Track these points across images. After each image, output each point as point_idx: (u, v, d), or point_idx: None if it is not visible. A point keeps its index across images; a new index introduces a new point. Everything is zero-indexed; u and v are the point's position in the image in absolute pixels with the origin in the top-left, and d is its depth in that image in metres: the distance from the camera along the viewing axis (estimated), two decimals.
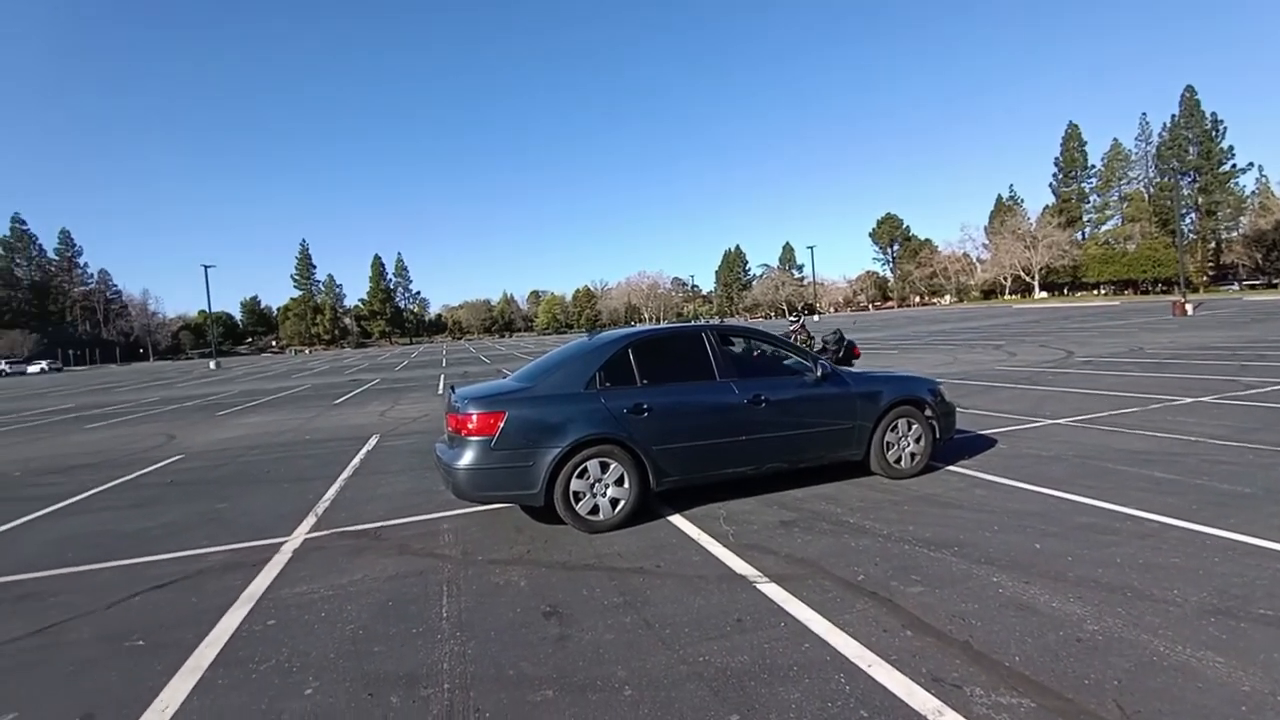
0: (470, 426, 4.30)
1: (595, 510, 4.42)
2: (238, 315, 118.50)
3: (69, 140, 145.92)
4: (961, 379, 11.93)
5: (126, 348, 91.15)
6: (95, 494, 6.87)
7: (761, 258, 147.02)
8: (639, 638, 2.85)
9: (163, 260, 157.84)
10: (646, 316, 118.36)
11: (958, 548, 3.73)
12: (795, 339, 12.95)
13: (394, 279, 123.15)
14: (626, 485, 4.47)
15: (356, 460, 7.89)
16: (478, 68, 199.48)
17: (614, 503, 4.46)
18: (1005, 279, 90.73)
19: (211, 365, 48.60)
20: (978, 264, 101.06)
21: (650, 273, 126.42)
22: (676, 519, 4.61)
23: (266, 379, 30.25)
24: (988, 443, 6.56)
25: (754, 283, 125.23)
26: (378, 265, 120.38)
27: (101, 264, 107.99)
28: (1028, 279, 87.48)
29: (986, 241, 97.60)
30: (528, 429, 4.34)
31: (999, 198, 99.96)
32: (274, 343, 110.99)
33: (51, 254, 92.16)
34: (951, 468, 5.64)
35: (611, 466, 4.43)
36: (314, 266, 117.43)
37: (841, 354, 12.12)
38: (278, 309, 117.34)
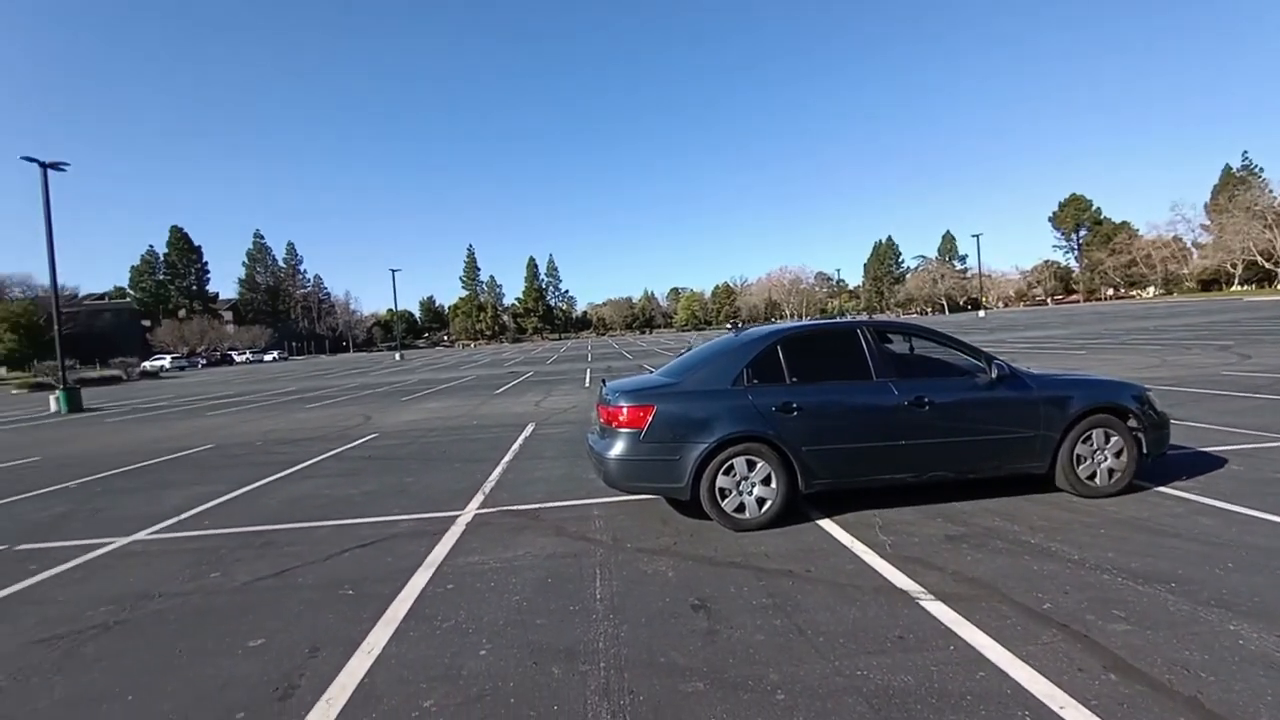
0: (621, 419, 4.47)
1: (741, 508, 4.38)
2: (417, 313, 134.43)
3: (289, 164, 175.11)
4: (1172, 385, 10.05)
5: (333, 341, 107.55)
6: (314, 463, 8.19)
7: (917, 249, 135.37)
8: (791, 642, 2.78)
9: (361, 265, 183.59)
10: (788, 313, 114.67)
11: (1175, 584, 3.15)
12: None
13: (545, 279, 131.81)
14: (774, 485, 4.37)
15: (516, 445, 8.57)
16: (633, 79, 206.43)
17: (760, 502, 4.39)
18: (1233, 266, 74.61)
19: (396, 357, 55.63)
20: (1193, 249, 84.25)
21: (792, 267, 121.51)
22: (826, 523, 4.42)
23: (440, 369, 33.92)
24: (1214, 462, 5.47)
25: (908, 275, 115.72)
26: (532, 266, 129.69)
27: (316, 269, 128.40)
28: (1268, 265, 71.08)
29: (1206, 222, 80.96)
30: (675, 423, 4.41)
31: (1226, 168, 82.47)
32: (445, 337, 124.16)
33: (280, 262, 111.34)
34: (1164, 489, 4.78)
35: (758, 465, 4.37)
36: (478, 269, 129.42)
37: None
38: (448, 307, 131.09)
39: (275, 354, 77.18)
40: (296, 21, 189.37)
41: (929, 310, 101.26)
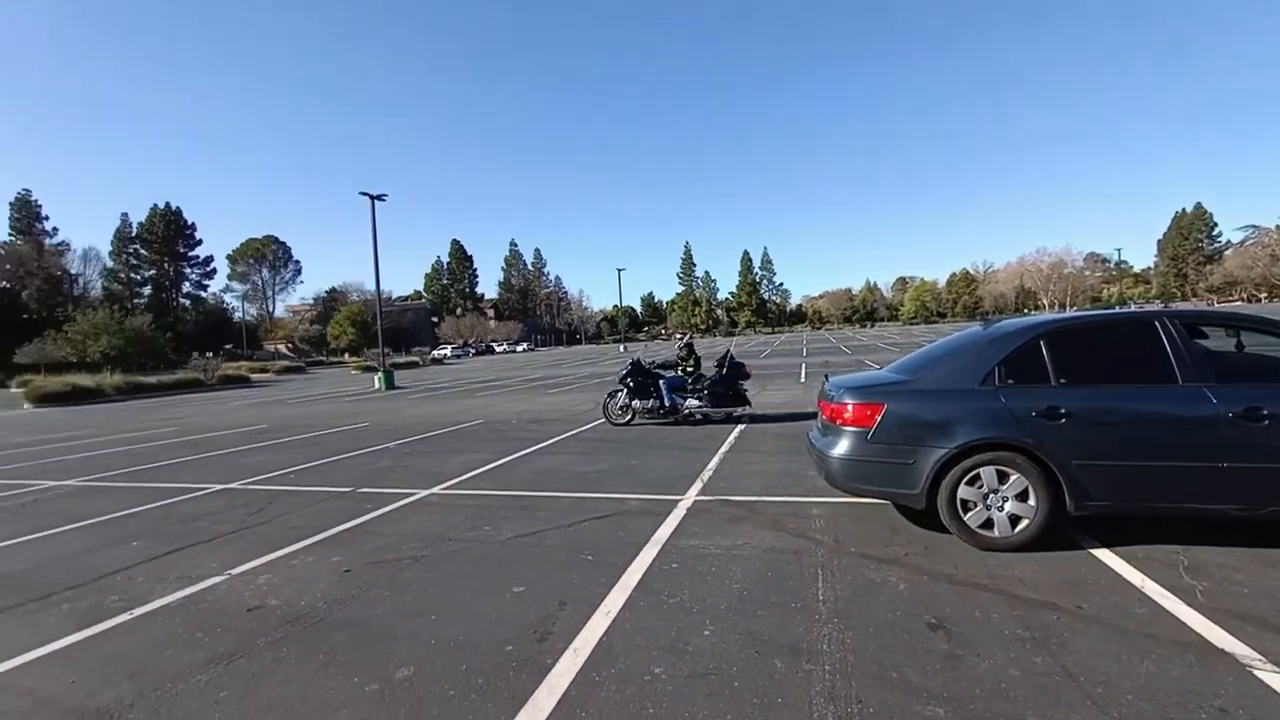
0: (846, 417, 4.27)
1: (988, 524, 3.87)
2: (638, 308, 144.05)
3: (535, 177, 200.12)
4: None
5: (569, 334, 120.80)
6: (557, 441, 9.32)
7: (1239, 217, 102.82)
8: (1055, 685, 2.39)
9: (592, 265, 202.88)
10: (1045, 303, 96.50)
11: None
12: (682, 368, 11.09)
13: (760, 272, 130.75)
14: (1032, 502, 3.77)
15: (732, 437, 8.70)
16: (855, 66, 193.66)
17: (1013, 520, 3.83)
18: None
19: (620, 349, 60.31)
20: None
21: (1052, 249, 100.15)
22: (1104, 554, 3.68)
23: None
24: None
25: (1226, 253, 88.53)
26: (746, 260, 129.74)
27: (556, 271, 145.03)
28: None
29: None
30: (909, 425, 4.06)
31: None
32: (662, 331, 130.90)
33: (529, 266, 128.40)
34: None
35: (1012, 478, 3.80)
36: (694, 265, 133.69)
37: (726, 371, 10.50)
38: (666, 303, 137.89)
39: (525, 345, 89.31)
40: (559, 46, 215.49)
41: (1263, 296, 76.55)
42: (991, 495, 3.86)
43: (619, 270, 66.16)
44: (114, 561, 4.64)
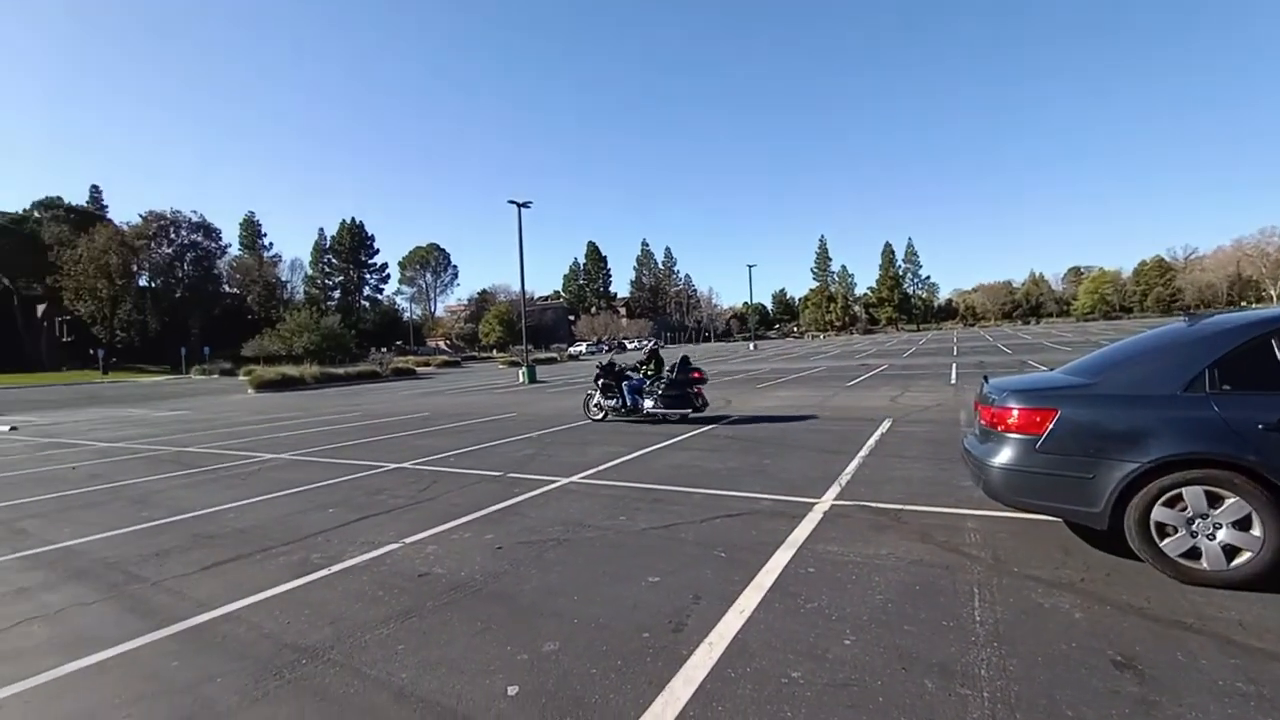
0: (1010, 422, 3.86)
1: (1194, 554, 3.30)
2: (769, 305, 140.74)
3: (669, 177, 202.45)
4: None
5: (697, 331, 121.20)
6: (688, 437, 9.41)
7: None
8: None
9: (721, 262, 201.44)
10: (1274, 294, 79.30)
11: None
12: (644, 370, 11.72)
13: (903, 265, 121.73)
14: (1257, 532, 3.15)
15: (872, 440, 8.23)
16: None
17: (1229, 551, 3.23)
18: None
19: (750, 347, 59.31)
20: None
21: None
22: None
23: (790, 360, 34.80)
24: None
25: None
26: (888, 253, 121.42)
27: (686, 269, 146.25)
28: None
29: None
30: (1088, 433, 3.58)
31: None
32: (795, 328, 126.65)
33: (660, 265, 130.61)
34: None
35: (1228, 503, 3.21)
36: (829, 259, 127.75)
37: (676, 376, 10.93)
38: (799, 299, 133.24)
39: (654, 342, 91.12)
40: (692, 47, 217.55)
41: None
42: (1198, 520, 3.29)
43: (749, 267, 65.02)
44: (315, 524, 5.47)
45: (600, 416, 11.83)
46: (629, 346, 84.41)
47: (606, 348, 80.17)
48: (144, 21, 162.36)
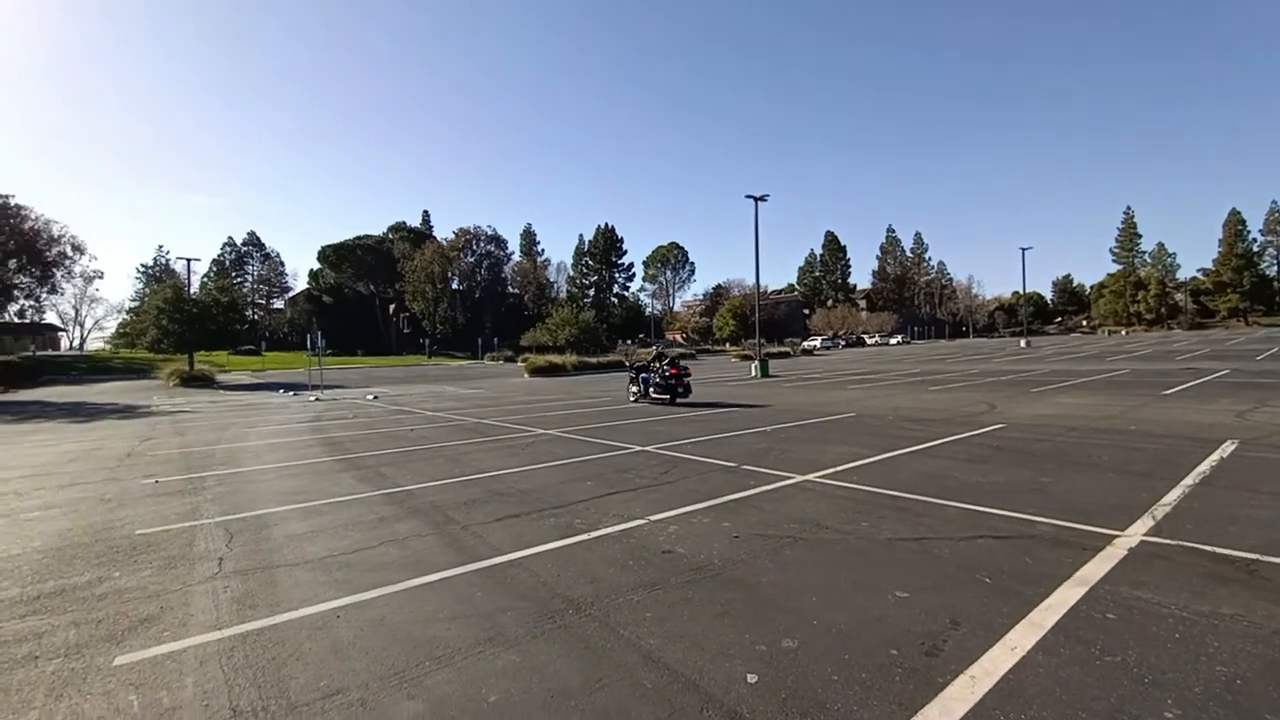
0: None
1: None
2: (1048, 295, 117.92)
3: (925, 158, 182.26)
4: None
5: (953, 326, 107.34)
6: (940, 444, 8.44)
7: None
8: None
9: (985, 247, 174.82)
10: None
11: None
12: (653, 367, 15.92)
13: (1261, 238, 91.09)
14: None
15: (1204, 466, 6.41)
16: None
17: None
18: None
19: (1021, 344, 50.51)
20: None
21: None
22: None
23: (1076, 360, 28.81)
24: None
25: None
26: (1233, 225, 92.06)
27: (940, 256, 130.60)
28: None
29: None
30: None
31: None
32: (1083, 322, 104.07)
33: (908, 252, 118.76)
34: None
35: None
36: (1139, 236, 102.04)
37: (666, 371, 15.12)
38: (1090, 287, 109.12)
39: (899, 338, 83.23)
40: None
41: None
42: None
43: (1023, 250, 55.06)
44: (576, 494, 6.25)
45: (633, 400, 15.94)
46: (869, 342, 78.56)
47: (843, 342, 75.86)
48: (459, 89, 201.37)
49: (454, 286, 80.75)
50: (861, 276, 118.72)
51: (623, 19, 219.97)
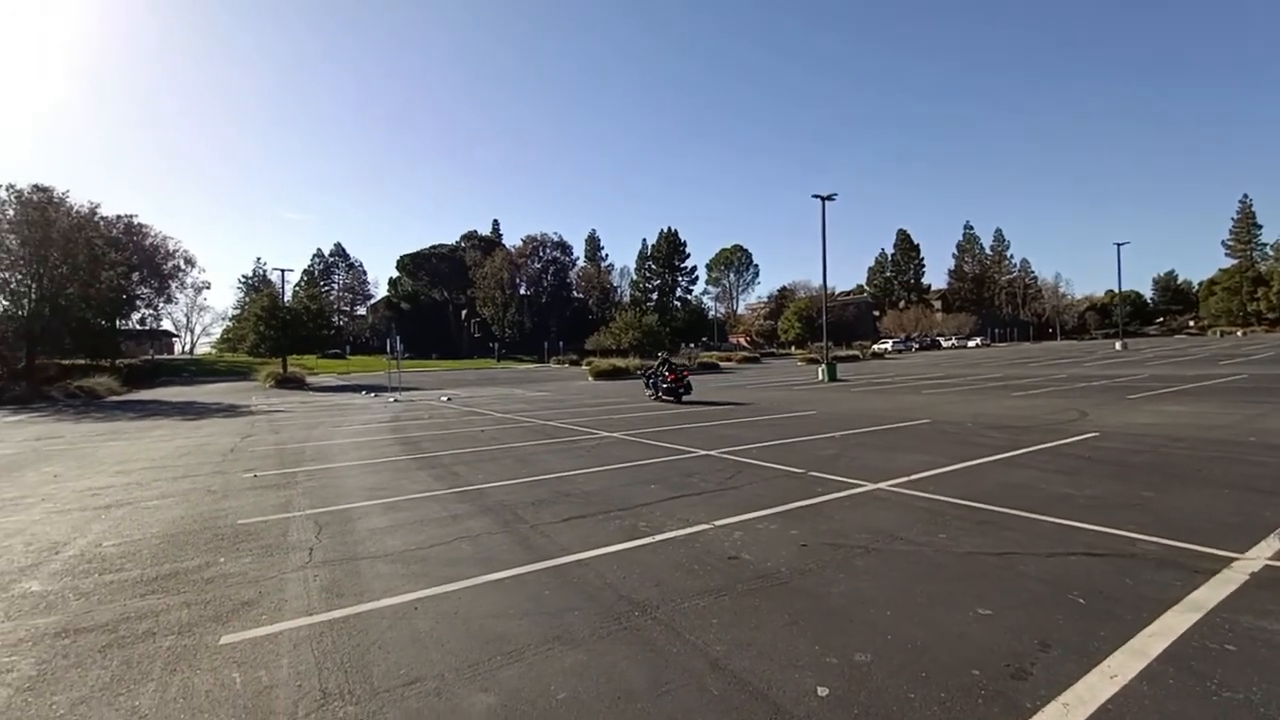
0: None
1: None
2: (1147, 293, 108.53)
3: (998, 151, 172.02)
4: None
5: (1037, 327, 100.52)
6: (1025, 453, 7.93)
7: None
8: None
9: (1074, 242, 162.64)
10: None
11: None
12: (661, 370, 18.79)
13: None
14: None
15: None
16: None
17: None
18: None
19: (1117, 346, 46.66)
20: None
21: None
22: None
23: (1181, 364, 26.37)
24: None
25: None
26: None
27: (1023, 254, 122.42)
28: None
29: None
30: None
31: None
32: (1190, 323, 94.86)
33: (988, 250, 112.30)
34: None
35: None
36: (1258, 227, 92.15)
37: (669, 373, 18.03)
38: (1198, 284, 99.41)
39: (977, 340, 78.79)
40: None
41: None
42: None
43: (1117, 245, 50.81)
44: (640, 496, 6.28)
45: (650, 398, 18.97)
46: (944, 344, 74.84)
47: (916, 345, 72.61)
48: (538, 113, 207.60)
49: (521, 292, 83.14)
50: (936, 276, 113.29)
51: (675, 14, 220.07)
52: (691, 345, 65.53)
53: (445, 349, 78.88)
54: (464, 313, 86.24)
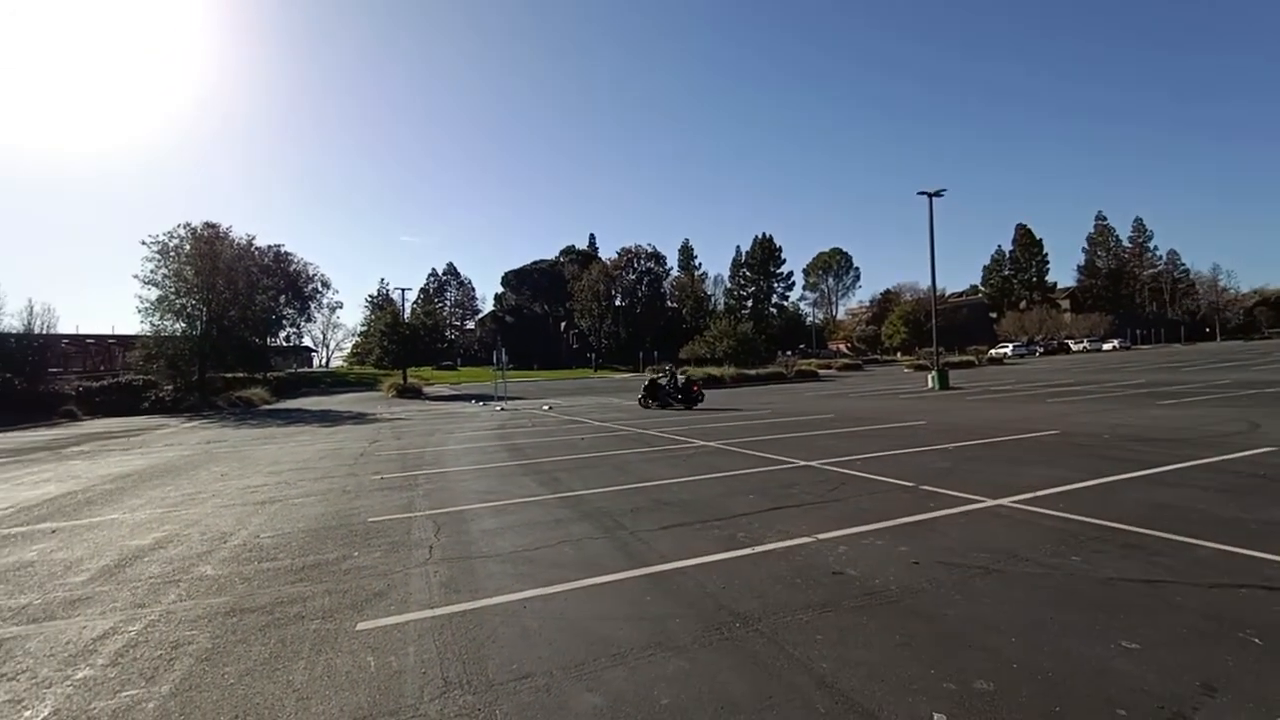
0: None
1: None
2: None
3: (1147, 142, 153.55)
4: None
5: (1191, 326, 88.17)
6: (1178, 469, 7.01)
7: None
8: None
9: (1246, 234, 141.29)
10: None
11: None
12: (667, 384, 20.55)
13: None
14: None
15: None
16: None
17: None
18: None
19: None
20: None
21: None
22: None
23: None
24: None
25: None
26: None
27: (1169, 245, 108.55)
28: None
29: None
30: None
31: None
32: None
33: (1125, 243, 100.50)
34: None
35: None
36: None
37: (682, 386, 19.89)
38: None
39: (1115, 342, 70.43)
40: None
41: None
42: None
43: None
44: (738, 506, 6.22)
45: (654, 406, 20.24)
46: (1074, 348, 67.68)
47: (1040, 349, 66.22)
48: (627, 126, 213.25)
49: (617, 303, 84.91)
50: (1062, 273, 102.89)
51: (778, 16, 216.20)
52: (788, 353, 63.74)
53: (546, 359, 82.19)
54: (563, 324, 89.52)
